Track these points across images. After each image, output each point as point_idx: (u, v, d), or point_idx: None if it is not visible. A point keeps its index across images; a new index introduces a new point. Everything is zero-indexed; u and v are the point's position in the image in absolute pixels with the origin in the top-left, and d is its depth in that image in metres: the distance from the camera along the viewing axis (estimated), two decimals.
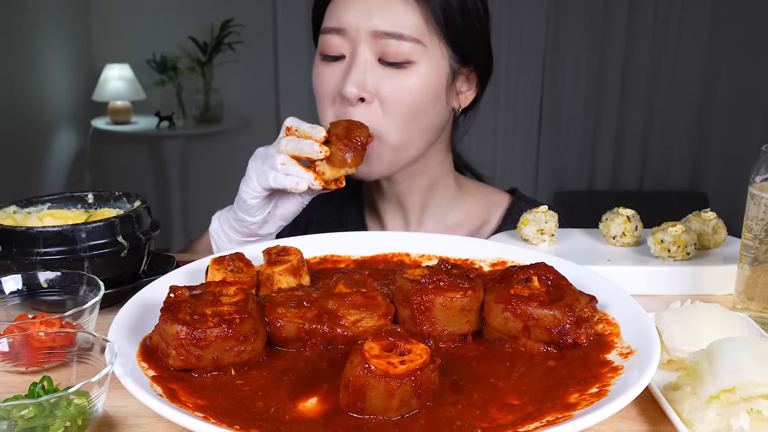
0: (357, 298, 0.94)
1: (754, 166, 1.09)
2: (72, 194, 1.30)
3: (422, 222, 1.57)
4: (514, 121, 5.03)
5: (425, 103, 1.35)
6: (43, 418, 0.74)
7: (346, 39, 1.33)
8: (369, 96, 1.31)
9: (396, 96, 1.32)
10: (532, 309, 0.91)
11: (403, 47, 1.30)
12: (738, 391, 0.78)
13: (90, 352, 0.85)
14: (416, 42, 1.31)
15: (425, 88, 1.33)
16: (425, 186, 1.52)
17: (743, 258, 1.12)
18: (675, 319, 0.96)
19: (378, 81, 1.31)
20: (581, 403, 0.78)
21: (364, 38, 1.31)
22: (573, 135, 5.07)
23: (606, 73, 4.93)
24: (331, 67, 1.36)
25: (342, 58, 1.35)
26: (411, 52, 1.31)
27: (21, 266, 1.09)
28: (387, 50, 1.30)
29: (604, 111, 5.00)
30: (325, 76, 1.37)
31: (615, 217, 1.31)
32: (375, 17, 1.30)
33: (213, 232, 1.38)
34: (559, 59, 4.92)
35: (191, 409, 0.77)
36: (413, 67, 1.32)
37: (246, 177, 1.29)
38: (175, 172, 5.14)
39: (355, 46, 1.32)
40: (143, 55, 5.06)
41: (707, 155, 5.04)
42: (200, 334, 0.83)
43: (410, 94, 1.32)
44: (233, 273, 1.02)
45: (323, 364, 0.89)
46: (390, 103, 1.32)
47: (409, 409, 0.77)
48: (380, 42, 1.30)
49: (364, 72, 1.31)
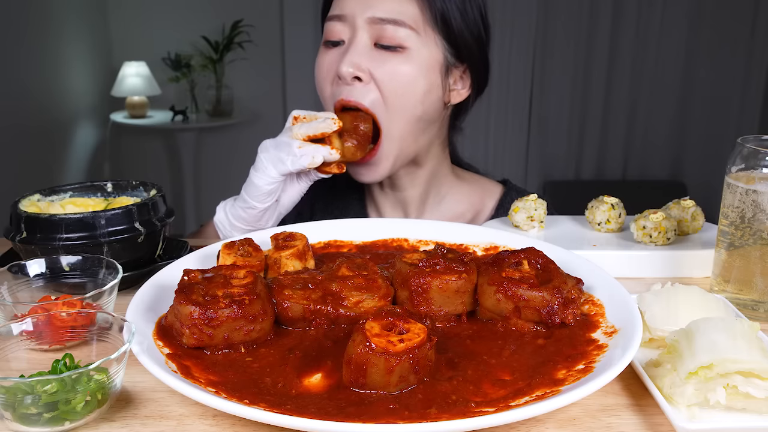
0: (359, 281, 0.94)
1: (730, 157, 1.08)
2: (92, 183, 1.29)
3: (422, 213, 1.56)
4: (505, 115, 5.02)
5: (419, 89, 1.34)
6: (65, 393, 0.74)
7: (346, 25, 1.34)
8: (364, 75, 1.32)
9: (390, 77, 1.31)
10: (522, 291, 0.91)
11: (397, 32, 1.31)
12: (715, 368, 0.78)
13: (109, 331, 0.84)
14: (410, 29, 1.31)
15: (418, 73, 1.33)
16: (424, 180, 1.52)
17: (720, 243, 1.12)
18: (656, 300, 0.96)
19: (373, 62, 1.32)
20: (568, 378, 0.78)
21: (362, 24, 1.32)
22: (561, 128, 5.06)
23: (592, 70, 4.92)
24: (331, 52, 1.38)
25: (342, 43, 1.36)
26: (405, 38, 1.31)
27: (44, 251, 1.09)
28: (383, 34, 1.31)
29: (590, 106, 5.00)
30: (326, 59, 1.38)
31: (600, 204, 1.31)
32: (373, 5, 1.31)
33: (218, 221, 1.38)
34: (548, 56, 4.90)
35: (204, 384, 0.77)
36: (407, 53, 1.32)
37: (259, 166, 1.28)
38: (189, 162, 5.14)
39: (354, 32, 1.33)
40: (159, 53, 5.04)
41: (686, 147, 5.04)
42: (212, 314, 0.83)
43: (404, 76, 1.32)
44: (243, 257, 1.02)
45: (327, 343, 0.88)
46: (385, 85, 1.32)
47: (408, 385, 0.77)
48: (377, 27, 1.31)
49: (360, 54, 1.32)
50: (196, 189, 5.23)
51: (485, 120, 4.97)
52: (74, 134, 4.78)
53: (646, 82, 4.90)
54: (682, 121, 5.00)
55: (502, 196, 1.59)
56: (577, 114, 5.02)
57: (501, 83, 4.89)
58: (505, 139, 5.08)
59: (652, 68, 4.87)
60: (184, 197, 5.21)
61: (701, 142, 4.99)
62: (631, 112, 4.99)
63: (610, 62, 4.89)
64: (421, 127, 1.38)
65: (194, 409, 0.81)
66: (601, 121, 5.03)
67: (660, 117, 4.98)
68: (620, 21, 4.80)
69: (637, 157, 5.08)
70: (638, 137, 5.03)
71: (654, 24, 4.77)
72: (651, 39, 4.81)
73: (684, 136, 5.02)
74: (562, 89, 4.96)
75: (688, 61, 4.86)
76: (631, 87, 4.93)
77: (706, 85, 4.89)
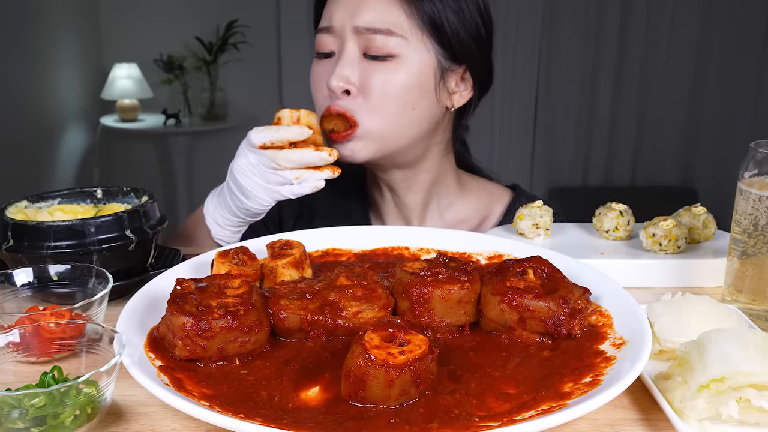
0: (358, 291, 0.94)
1: (742, 162, 1.09)
2: (81, 189, 1.30)
3: (424, 219, 1.57)
4: (510, 119, 5.03)
5: (410, 95, 1.35)
6: (54, 407, 0.74)
7: (335, 36, 1.36)
8: (354, 89, 1.34)
9: (380, 87, 1.33)
10: (527, 301, 0.91)
11: (386, 42, 1.32)
12: (727, 381, 0.78)
13: (99, 342, 0.84)
14: (399, 36, 1.32)
15: (409, 80, 1.34)
16: (426, 185, 1.52)
17: (732, 251, 1.12)
18: (666, 310, 0.96)
19: (362, 74, 1.34)
20: (575, 392, 0.78)
21: (349, 34, 1.34)
22: (567, 132, 5.07)
23: (599, 72, 4.93)
24: (322, 64, 1.40)
25: (332, 54, 1.38)
26: (393, 46, 1.32)
27: (32, 259, 1.09)
28: (370, 44, 1.33)
29: (598, 109, 5.00)
30: (318, 72, 1.41)
31: (608, 211, 1.31)
32: (358, 14, 1.33)
33: (207, 214, 1.39)
34: (554, 58, 4.91)
35: (197, 397, 0.77)
36: (396, 60, 1.33)
37: (245, 192, 1.30)
38: (182, 168, 5.14)
39: (342, 43, 1.35)
40: (150, 54, 5.05)
41: (697, 152, 5.04)
42: (206, 325, 0.83)
43: (394, 85, 1.33)
44: (238, 266, 1.02)
45: (325, 355, 0.89)
46: (374, 95, 1.33)
47: (409, 398, 0.77)
48: (364, 37, 1.33)
49: (349, 66, 1.34)
50: (189, 195, 5.23)
51: (489, 125, 4.97)
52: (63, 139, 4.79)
53: (656, 84, 4.91)
54: (693, 124, 5.00)
55: (511, 202, 1.60)
56: (584, 118, 5.03)
57: (505, 87, 4.89)
58: (509, 145, 5.08)
59: (662, 69, 4.88)
60: (176, 204, 5.21)
61: (713, 146, 4.99)
62: (640, 115, 4.99)
63: (619, 63, 4.89)
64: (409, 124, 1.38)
65: (187, 424, 0.81)
66: (609, 124, 5.03)
67: (670, 120, 4.98)
68: (628, 22, 4.81)
69: (646, 162, 5.08)
70: (647, 141, 5.04)
71: (664, 23, 4.78)
72: (661, 39, 4.81)
73: (695, 141, 5.03)
74: (568, 92, 4.97)
75: (699, 62, 4.86)
76: (639, 89, 4.93)
77: (717, 88, 4.89)
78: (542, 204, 1.31)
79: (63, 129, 4.79)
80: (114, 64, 4.94)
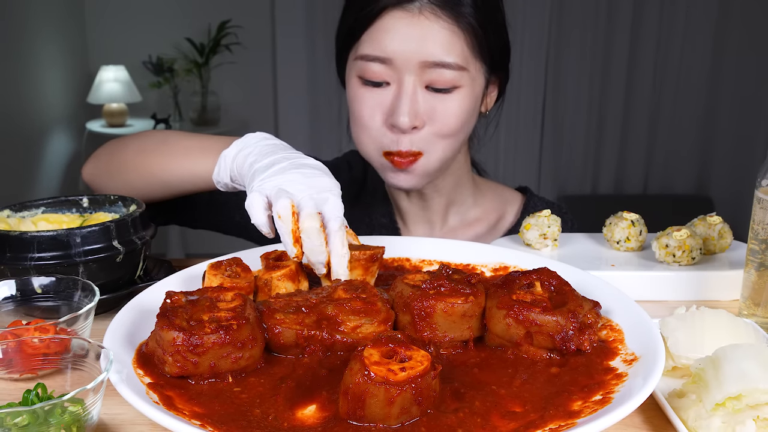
0: (356, 304, 0.94)
1: (760, 169, 1.09)
2: (66, 198, 1.30)
3: (446, 219, 1.62)
4: (517, 125, 5.03)
5: (470, 121, 1.42)
6: (37, 426, 0.74)
7: (391, 68, 1.34)
8: (420, 123, 1.35)
9: (444, 119, 1.36)
10: (534, 315, 0.91)
11: (450, 75, 1.33)
12: (744, 399, 0.78)
13: (85, 358, 0.85)
14: (461, 69, 1.34)
15: (469, 107, 1.38)
16: (450, 186, 1.58)
17: (749, 263, 1.12)
18: (680, 325, 0.96)
19: (427, 107, 1.35)
20: (585, 410, 0.78)
21: (413, 68, 1.32)
22: (576, 138, 5.07)
23: (610, 76, 4.93)
24: (374, 93, 1.37)
25: (385, 84, 1.36)
26: (457, 78, 1.34)
27: (15, 271, 1.09)
28: (434, 78, 1.33)
29: (608, 114, 5.01)
30: (369, 102, 1.37)
31: (619, 221, 1.31)
32: (423, 48, 1.31)
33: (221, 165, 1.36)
34: (562, 62, 4.92)
35: (188, 416, 0.77)
36: (459, 91, 1.36)
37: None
38: None
39: (401, 75, 1.34)
40: (139, 56, 5.06)
41: (713, 159, 5.04)
42: (197, 340, 0.83)
43: (456, 115, 1.36)
44: (231, 278, 1.02)
45: (322, 371, 0.89)
46: (439, 126, 1.36)
47: (410, 417, 0.77)
48: (428, 71, 1.33)
49: (414, 101, 1.34)
50: None
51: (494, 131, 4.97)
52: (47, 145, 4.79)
53: (669, 89, 4.92)
54: (708, 130, 5.00)
55: (526, 203, 1.66)
56: (594, 123, 5.03)
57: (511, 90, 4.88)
58: (515, 152, 5.09)
59: (676, 74, 4.89)
60: None
61: (729, 153, 4.99)
62: (652, 120, 5.00)
63: (630, 67, 4.90)
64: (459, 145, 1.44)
65: None
66: (620, 130, 5.04)
67: (684, 126, 4.99)
68: (640, 23, 4.82)
69: (659, 169, 5.08)
70: (660, 148, 5.04)
71: (678, 26, 4.79)
72: (674, 42, 4.82)
73: (710, 147, 5.03)
74: (577, 97, 4.98)
75: (714, 67, 4.87)
76: (652, 94, 4.94)
77: (733, 93, 4.89)
78: (550, 213, 1.32)
79: (47, 134, 4.80)
80: (101, 66, 4.95)
